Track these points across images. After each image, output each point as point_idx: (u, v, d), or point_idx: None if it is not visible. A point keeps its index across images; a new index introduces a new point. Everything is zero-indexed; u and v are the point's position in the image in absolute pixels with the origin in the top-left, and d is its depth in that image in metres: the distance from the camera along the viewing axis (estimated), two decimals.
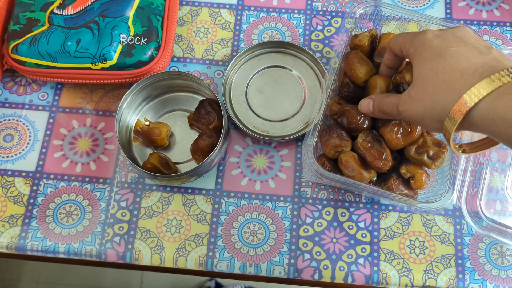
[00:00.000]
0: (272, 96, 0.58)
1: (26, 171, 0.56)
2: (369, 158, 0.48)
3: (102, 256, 0.53)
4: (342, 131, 0.50)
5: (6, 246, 0.53)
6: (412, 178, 0.49)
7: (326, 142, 0.50)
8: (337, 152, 0.50)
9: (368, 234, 0.54)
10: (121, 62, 0.54)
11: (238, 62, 0.60)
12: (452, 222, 0.54)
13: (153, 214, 0.55)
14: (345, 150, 0.49)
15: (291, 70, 0.60)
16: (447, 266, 0.52)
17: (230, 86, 0.59)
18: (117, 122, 0.52)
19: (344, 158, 0.49)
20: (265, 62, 0.60)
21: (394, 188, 0.49)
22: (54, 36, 0.54)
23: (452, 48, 0.38)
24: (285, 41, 0.59)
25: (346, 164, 0.49)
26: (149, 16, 0.56)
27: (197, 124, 0.56)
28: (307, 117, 0.57)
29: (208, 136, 0.53)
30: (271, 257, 0.53)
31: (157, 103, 0.58)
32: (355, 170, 0.48)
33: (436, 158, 0.48)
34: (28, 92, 0.60)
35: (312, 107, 0.58)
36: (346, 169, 0.49)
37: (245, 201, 0.55)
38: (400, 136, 0.48)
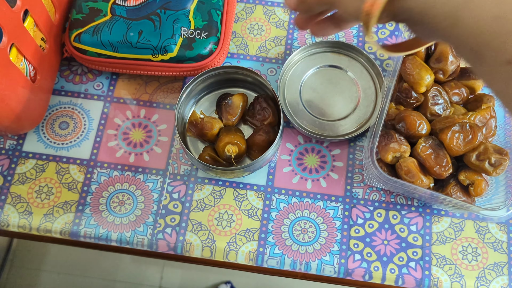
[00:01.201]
0: (326, 96, 0.59)
1: (81, 158, 0.57)
2: (429, 164, 0.48)
3: (154, 247, 0.54)
4: (400, 136, 0.50)
5: (60, 231, 0.54)
6: (471, 185, 0.49)
7: (385, 147, 0.50)
8: (395, 157, 0.50)
9: (420, 238, 0.54)
10: (181, 55, 0.54)
11: (293, 60, 0.60)
12: (506, 230, 0.54)
13: (204, 207, 0.55)
14: (404, 156, 0.49)
15: (346, 70, 0.60)
16: (500, 274, 0.52)
17: (284, 83, 0.59)
18: (177, 113, 0.53)
19: (404, 164, 0.49)
20: (320, 61, 0.60)
21: (453, 195, 0.49)
22: (117, 27, 0.54)
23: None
24: (341, 41, 0.60)
25: (406, 170, 0.49)
26: (209, 11, 0.56)
27: (252, 120, 0.56)
28: (361, 119, 0.57)
29: (265, 132, 0.53)
30: (321, 256, 0.53)
31: (213, 97, 0.58)
32: (415, 176, 0.48)
33: (498, 165, 0.48)
34: (84, 81, 0.61)
35: (366, 109, 0.58)
36: (406, 175, 0.48)
37: (296, 199, 0.55)
38: (461, 142, 0.48)
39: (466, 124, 0.48)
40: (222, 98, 0.57)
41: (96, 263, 1.40)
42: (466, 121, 0.48)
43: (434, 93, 0.52)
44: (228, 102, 0.55)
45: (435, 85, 0.53)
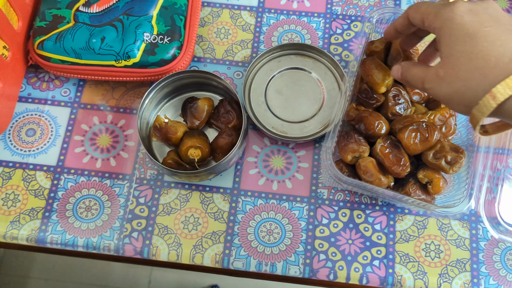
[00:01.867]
0: (291, 98, 0.59)
1: (48, 165, 0.57)
2: (388, 163, 0.49)
3: (120, 251, 0.54)
4: (359, 136, 0.51)
5: (27, 238, 0.54)
6: (430, 183, 0.49)
7: (344, 147, 0.50)
8: (354, 157, 0.50)
9: (384, 237, 0.54)
10: (144, 60, 0.55)
11: (259, 63, 0.60)
12: (468, 226, 0.54)
13: (171, 211, 0.55)
14: (363, 156, 0.50)
15: (310, 72, 0.60)
16: (462, 270, 0.53)
17: (249, 86, 0.59)
18: (139, 118, 0.53)
19: (363, 164, 0.49)
20: (284, 63, 0.61)
21: (411, 193, 0.50)
22: (79, 33, 0.55)
23: (486, 28, 0.36)
24: (305, 44, 0.60)
25: (365, 170, 0.49)
26: (172, 16, 0.57)
27: (216, 123, 0.57)
28: (325, 119, 0.58)
29: (228, 134, 0.54)
30: (286, 256, 0.53)
31: (178, 101, 0.59)
32: (373, 176, 0.49)
33: (454, 163, 0.48)
34: (51, 88, 0.61)
35: (330, 110, 0.58)
36: (364, 174, 0.49)
37: (262, 200, 0.56)
38: (418, 141, 0.49)
39: (423, 124, 0.48)
40: (187, 102, 0.57)
41: (85, 268, 1.39)
42: (423, 120, 0.49)
43: (395, 93, 0.53)
44: (194, 106, 0.56)
45: (396, 85, 0.53)
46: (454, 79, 0.37)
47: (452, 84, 0.37)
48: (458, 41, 0.37)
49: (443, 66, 0.38)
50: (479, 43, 0.36)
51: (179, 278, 1.38)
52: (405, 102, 0.53)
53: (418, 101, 0.55)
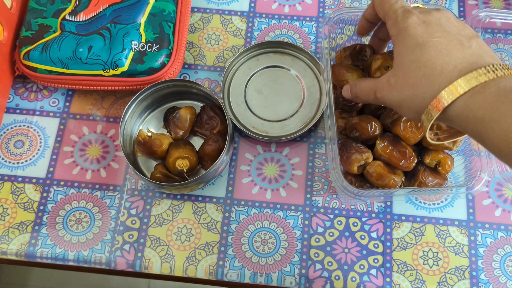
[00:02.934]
0: (271, 96, 0.58)
1: (37, 177, 0.56)
2: (394, 161, 0.48)
3: (112, 264, 0.53)
4: (357, 144, 0.50)
5: (16, 253, 0.53)
6: (439, 165, 0.50)
7: (347, 160, 0.49)
8: (360, 166, 0.49)
9: (381, 245, 0.53)
10: (132, 69, 0.54)
11: (237, 63, 0.59)
12: (466, 233, 0.53)
13: (163, 222, 0.54)
14: (368, 162, 0.49)
15: (289, 69, 0.59)
16: (461, 278, 0.52)
17: (228, 87, 0.58)
18: (121, 135, 0.52)
19: (371, 170, 0.48)
20: (263, 62, 0.60)
21: (425, 181, 0.49)
22: (66, 43, 0.54)
23: (435, 39, 0.38)
24: (283, 41, 0.59)
25: (376, 175, 0.48)
26: (160, 23, 0.56)
27: (201, 131, 0.56)
28: (306, 117, 0.57)
29: (214, 140, 0.53)
30: (282, 267, 0.52)
31: (159, 113, 0.58)
32: (385, 178, 0.48)
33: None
34: (39, 98, 0.60)
35: (311, 107, 0.57)
36: (377, 180, 0.48)
37: (256, 209, 0.55)
38: (415, 129, 0.48)
39: None
40: (169, 112, 0.56)
41: (83, 276, 1.38)
42: None
43: None
44: (176, 116, 0.55)
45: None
46: (404, 86, 0.39)
47: (403, 91, 0.39)
48: (408, 51, 0.39)
49: (394, 74, 0.40)
50: (427, 52, 0.38)
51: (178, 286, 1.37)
52: None
53: None
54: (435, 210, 0.54)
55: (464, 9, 0.64)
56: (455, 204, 0.54)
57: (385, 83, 0.41)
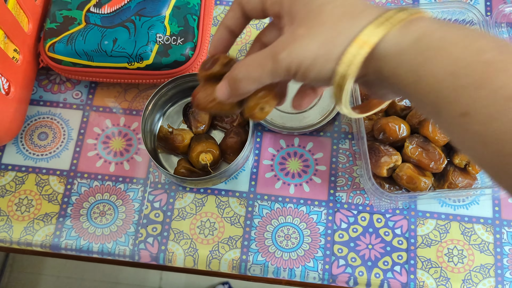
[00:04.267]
0: (290, 88, 0.57)
1: (61, 169, 0.56)
2: (424, 163, 0.48)
3: (136, 257, 0.53)
4: (386, 146, 0.49)
5: (41, 244, 0.53)
6: (469, 165, 0.49)
7: (376, 163, 0.49)
8: (389, 169, 0.49)
9: (405, 241, 0.53)
10: (157, 62, 0.53)
11: None
12: (492, 231, 0.53)
13: (186, 215, 0.54)
14: (397, 165, 0.49)
15: None
16: (486, 276, 0.51)
17: None
18: (143, 131, 0.51)
19: (401, 173, 0.48)
20: None
21: (456, 181, 0.49)
22: (91, 35, 0.54)
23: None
24: None
25: (406, 178, 0.48)
26: (185, 16, 0.55)
27: (221, 124, 0.55)
28: (325, 110, 0.56)
29: (236, 133, 0.52)
30: (305, 262, 0.52)
31: (179, 107, 0.57)
32: (416, 180, 0.48)
33: None
34: (62, 90, 0.60)
35: (329, 99, 0.57)
36: (407, 183, 0.48)
37: (279, 204, 0.55)
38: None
39: None
40: (188, 107, 0.56)
41: (96, 265, 1.40)
42: None
43: None
44: (195, 110, 0.54)
45: None
46: (320, 30, 0.29)
47: (318, 36, 0.29)
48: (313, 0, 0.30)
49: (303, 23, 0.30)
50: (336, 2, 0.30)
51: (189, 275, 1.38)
52: None
53: None
54: (460, 208, 0.54)
55: (491, 3, 0.63)
56: (481, 202, 0.54)
57: (288, 39, 0.30)
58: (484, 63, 0.25)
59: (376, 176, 0.51)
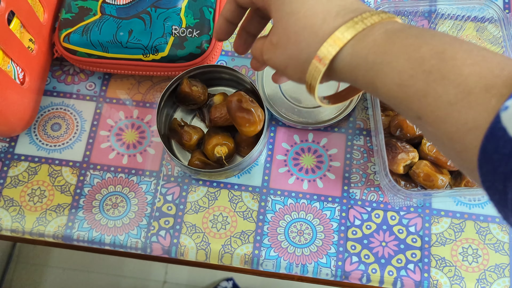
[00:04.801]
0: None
1: (73, 161, 0.56)
2: (442, 160, 0.48)
3: (148, 250, 0.53)
4: (403, 143, 0.49)
5: (53, 235, 0.53)
6: None
7: (393, 160, 0.49)
8: (406, 166, 0.49)
9: (419, 239, 0.52)
10: (172, 54, 0.53)
11: None
12: (507, 230, 0.52)
13: (199, 209, 0.54)
14: (414, 162, 0.48)
15: None
16: (501, 275, 0.51)
17: (263, 72, 0.58)
18: (157, 122, 0.51)
19: (418, 170, 0.48)
20: None
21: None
22: (106, 26, 0.53)
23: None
24: None
25: (423, 175, 0.47)
26: (201, 8, 0.55)
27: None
28: (341, 105, 0.56)
29: None
30: (318, 258, 0.52)
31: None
32: (433, 178, 0.47)
33: None
34: (76, 81, 0.60)
35: None
36: (424, 180, 0.47)
37: (292, 200, 0.54)
38: None
39: None
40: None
41: (101, 258, 1.40)
42: None
43: None
44: (210, 103, 0.54)
45: None
46: (287, 43, 0.34)
47: (286, 49, 0.34)
48: (285, 3, 0.34)
49: (275, 32, 0.35)
50: (306, 1, 0.33)
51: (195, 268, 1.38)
52: None
53: None
54: (475, 206, 0.53)
55: (510, 1, 0.62)
56: None
57: (268, 44, 0.36)
58: (424, 73, 0.28)
59: (392, 173, 0.50)
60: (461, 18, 0.58)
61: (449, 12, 0.58)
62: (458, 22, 0.59)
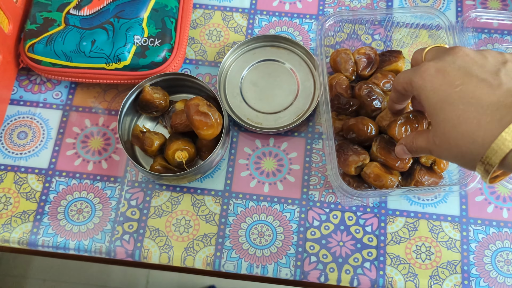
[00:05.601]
0: (266, 89, 0.59)
1: (39, 168, 0.57)
2: (391, 162, 0.49)
3: (112, 254, 0.54)
4: (354, 146, 0.51)
5: (18, 241, 0.54)
6: (434, 164, 0.51)
7: (345, 162, 0.50)
8: (357, 167, 0.51)
9: (375, 238, 0.54)
10: (134, 63, 0.55)
11: (233, 56, 0.61)
12: (459, 228, 0.54)
13: (162, 213, 0.55)
14: (365, 163, 0.50)
15: (284, 63, 0.61)
16: (453, 272, 0.53)
17: (225, 79, 0.60)
18: (119, 128, 0.53)
19: (369, 171, 0.50)
20: (259, 55, 0.61)
21: (422, 179, 0.50)
22: (70, 36, 0.55)
23: (457, 88, 0.35)
24: (279, 35, 0.61)
25: (373, 176, 0.49)
26: (163, 18, 0.57)
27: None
28: (300, 110, 0.58)
29: None
30: (278, 258, 0.53)
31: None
32: (383, 178, 0.49)
33: None
34: (43, 90, 0.61)
35: (304, 100, 0.58)
36: (374, 181, 0.49)
37: (253, 202, 0.56)
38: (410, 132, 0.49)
39: (409, 115, 0.48)
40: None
41: (83, 269, 1.40)
42: (409, 112, 0.49)
43: (367, 90, 0.53)
44: (172, 110, 0.56)
45: (365, 82, 0.54)
46: (449, 147, 0.37)
47: (450, 151, 0.37)
48: (436, 109, 0.37)
49: (436, 134, 0.38)
50: (455, 108, 0.35)
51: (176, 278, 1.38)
52: (379, 95, 0.53)
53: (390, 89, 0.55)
54: (428, 206, 0.55)
55: (462, 9, 0.65)
56: (449, 200, 0.55)
57: (433, 144, 0.39)
58: None
59: (345, 175, 0.52)
60: (415, 26, 0.61)
61: (404, 21, 0.61)
62: (413, 30, 0.61)
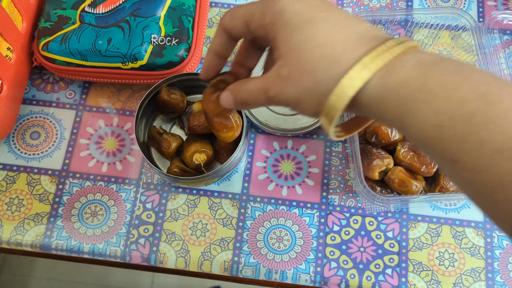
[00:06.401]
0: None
1: (52, 169, 0.56)
2: (416, 166, 0.48)
3: (127, 258, 0.53)
4: (378, 150, 0.50)
5: (31, 244, 0.53)
6: None
7: (368, 166, 0.49)
8: (381, 172, 0.49)
9: (396, 244, 0.53)
10: (151, 62, 0.53)
11: None
12: (483, 234, 0.53)
13: (178, 216, 0.54)
14: (389, 168, 0.49)
15: None
16: (477, 279, 0.51)
17: None
18: (136, 130, 0.51)
19: (393, 176, 0.48)
20: None
21: (447, 185, 0.49)
22: (85, 35, 0.53)
23: (322, 13, 0.31)
24: None
25: (398, 181, 0.48)
26: (180, 17, 0.55)
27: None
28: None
29: None
30: (297, 264, 0.52)
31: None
32: (407, 184, 0.48)
33: None
34: (56, 90, 0.60)
35: None
36: (399, 186, 0.48)
37: (272, 206, 0.55)
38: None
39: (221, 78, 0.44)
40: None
41: (87, 268, 1.39)
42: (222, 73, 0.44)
43: None
44: (189, 111, 0.54)
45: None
46: (300, 75, 0.30)
47: (299, 82, 0.31)
48: (296, 30, 0.31)
49: (285, 63, 0.31)
50: (320, 27, 0.30)
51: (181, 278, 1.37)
52: None
53: None
54: (451, 211, 0.54)
55: (483, 10, 0.64)
56: (472, 206, 0.54)
57: (275, 78, 0.32)
58: (466, 115, 0.25)
59: (368, 179, 0.51)
60: (436, 26, 0.60)
61: (425, 21, 0.59)
62: (433, 30, 0.60)
